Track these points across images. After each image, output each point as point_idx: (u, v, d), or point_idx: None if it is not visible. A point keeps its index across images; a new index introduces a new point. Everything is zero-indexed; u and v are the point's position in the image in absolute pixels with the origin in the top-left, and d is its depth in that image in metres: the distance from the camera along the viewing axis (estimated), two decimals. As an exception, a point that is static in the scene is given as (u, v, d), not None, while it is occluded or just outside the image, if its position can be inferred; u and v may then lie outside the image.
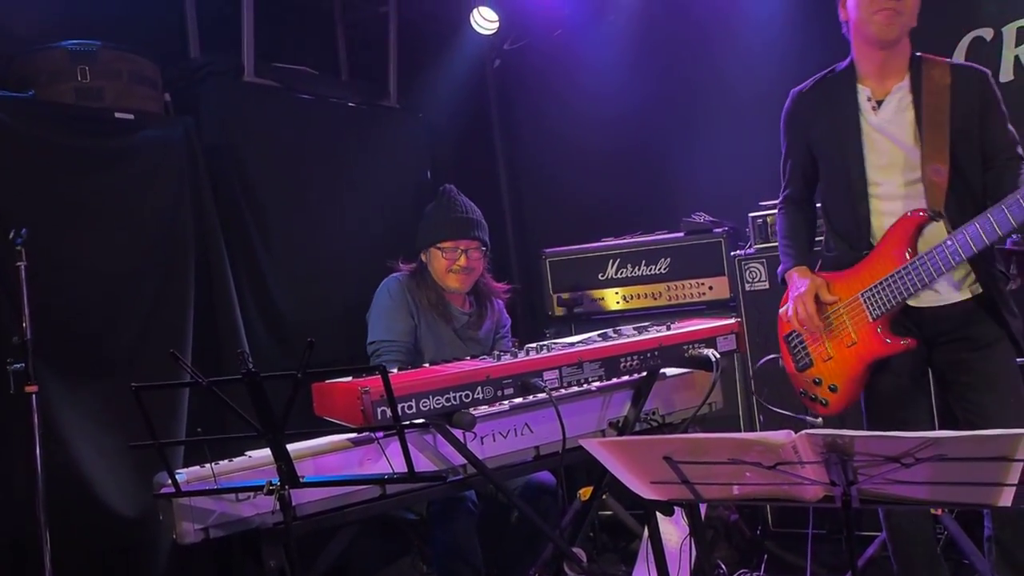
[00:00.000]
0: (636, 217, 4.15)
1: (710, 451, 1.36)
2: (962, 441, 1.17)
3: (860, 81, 2.49)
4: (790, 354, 2.63)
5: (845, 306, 2.48)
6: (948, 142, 2.34)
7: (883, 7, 2.35)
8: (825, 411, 2.58)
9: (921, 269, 2.31)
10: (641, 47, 4.48)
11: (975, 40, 4.04)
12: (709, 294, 3.74)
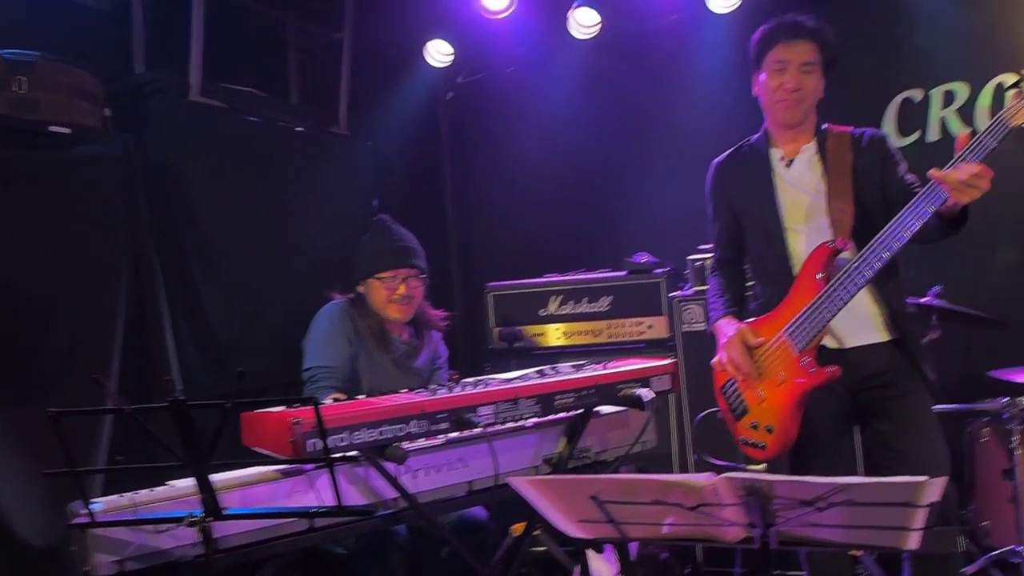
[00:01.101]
0: (580, 255, 4.20)
1: (635, 491, 1.38)
2: (869, 487, 1.21)
3: (772, 145, 2.67)
4: (727, 404, 2.67)
5: (772, 345, 2.54)
6: (852, 187, 2.51)
7: (784, 98, 2.55)
8: (764, 455, 2.60)
9: (837, 291, 2.40)
10: (593, 88, 4.58)
11: (905, 101, 4.22)
12: (648, 333, 3.79)
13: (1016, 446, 2.95)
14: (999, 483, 3.10)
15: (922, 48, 4.15)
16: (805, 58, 2.53)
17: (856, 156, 2.56)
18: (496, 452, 2.26)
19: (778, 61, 2.55)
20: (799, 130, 2.62)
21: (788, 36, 2.55)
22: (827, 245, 2.47)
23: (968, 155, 2.17)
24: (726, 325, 2.63)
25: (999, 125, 2.16)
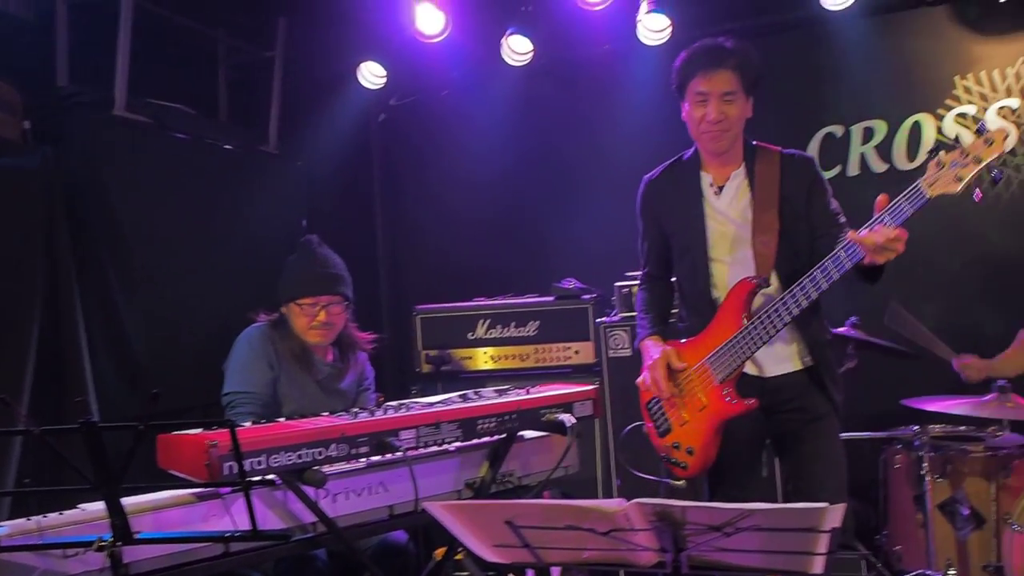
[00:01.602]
0: (509, 279, 4.23)
1: (548, 516, 1.39)
2: (774, 513, 1.25)
3: (703, 168, 2.68)
4: (652, 420, 2.71)
5: (695, 371, 2.60)
6: (777, 218, 2.55)
7: (708, 129, 2.56)
8: (685, 474, 2.66)
9: (757, 330, 2.46)
10: (524, 114, 4.63)
11: (827, 136, 4.39)
12: (575, 358, 3.83)
13: (926, 472, 3.06)
14: (911, 509, 3.22)
15: (844, 86, 4.32)
16: (725, 88, 2.51)
17: (784, 180, 2.58)
18: (418, 476, 2.24)
19: (698, 93, 2.54)
20: (728, 156, 2.63)
21: (706, 67, 2.52)
22: (749, 281, 2.52)
23: (886, 217, 2.20)
24: (651, 346, 2.67)
25: (916, 193, 2.17)
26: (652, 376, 2.61)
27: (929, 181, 2.15)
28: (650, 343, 2.69)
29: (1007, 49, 4.15)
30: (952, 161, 2.12)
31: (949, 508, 3.11)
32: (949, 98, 4.22)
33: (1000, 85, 4.15)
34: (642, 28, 4.16)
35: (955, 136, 4.18)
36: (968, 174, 2.10)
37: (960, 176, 2.11)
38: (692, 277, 2.66)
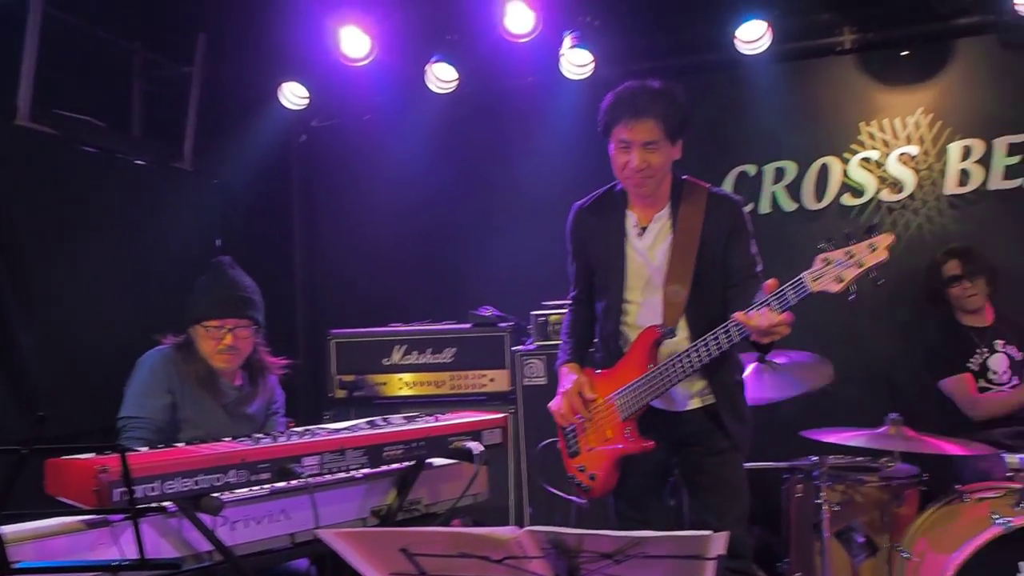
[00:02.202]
0: (426, 305, 4.23)
1: (443, 544, 1.39)
2: (662, 541, 1.27)
3: (629, 207, 2.71)
4: (565, 440, 2.78)
5: (603, 404, 2.66)
6: (692, 266, 2.58)
7: (630, 176, 2.57)
8: (587, 496, 2.75)
9: (659, 378, 2.53)
10: (447, 142, 4.66)
11: (741, 174, 4.54)
12: (490, 386, 3.84)
13: (823, 502, 3.15)
14: (810, 536, 3.30)
15: (758, 127, 4.48)
16: (647, 138, 2.50)
17: (706, 222, 2.59)
18: (322, 504, 2.20)
19: (621, 140, 2.54)
20: (654, 197, 2.64)
21: (629, 115, 2.50)
22: (656, 330, 2.57)
23: (772, 302, 2.25)
24: (567, 373, 2.74)
25: (800, 286, 2.22)
26: (565, 404, 2.68)
27: (814, 276, 2.21)
28: (566, 370, 2.76)
29: (907, 99, 4.37)
30: (838, 260, 2.19)
31: (845, 536, 3.21)
32: (855, 143, 4.42)
33: (901, 132, 4.37)
34: (565, 62, 4.25)
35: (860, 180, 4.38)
36: (849, 276, 2.17)
37: (842, 277, 2.17)
38: (606, 314, 2.71)
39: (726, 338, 2.39)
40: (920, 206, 4.32)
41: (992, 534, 2.49)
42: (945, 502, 3.00)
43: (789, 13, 4.15)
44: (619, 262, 2.67)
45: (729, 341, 2.39)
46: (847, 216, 4.39)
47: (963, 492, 2.97)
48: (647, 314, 2.64)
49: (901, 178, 4.34)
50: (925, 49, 4.34)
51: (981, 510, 2.73)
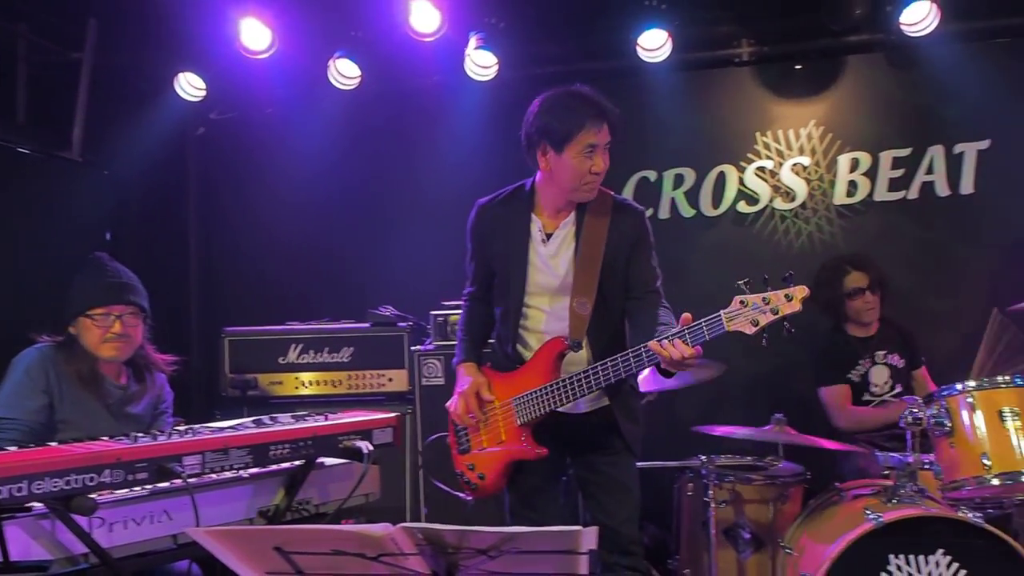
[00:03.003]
0: (324, 304, 4.17)
1: (316, 541, 1.37)
2: (534, 536, 1.28)
3: (535, 211, 2.69)
4: (455, 436, 2.77)
5: (501, 407, 2.66)
6: (597, 278, 2.60)
7: (592, 181, 2.56)
8: (474, 495, 2.76)
9: (562, 390, 2.55)
10: (348, 139, 4.61)
11: (642, 179, 4.63)
12: (389, 385, 3.81)
13: (711, 500, 3.24)
14: (699, 533, 3.39)
15: (658, 133, 4.59)
16: (606, 139, 2.54)
17: (611, 232, 2.61)
18: (206, 504, 2.14)
19: (589, 145, 2.50)
20: (564, 207, 2.64)
21: (596, 119, 2.51)
22: (563, 342, 2.58)
23: (687, 334, 2.29)
24: (466, 372, 2.73)
25: (717, 324, 2.26)
26: (463, 404, 2.67)
27: (730, 316, 2.26)
28: (463, 369, 2.75)
29: (801, 111, 4.55)
30: (753, 304, 2.25)
31: (732, 533, 3.31)
32: (751, 152, 4.57)
33: (795, 144, 4.55)
34: (470, 63, 4.26)
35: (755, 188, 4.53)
36: (764, 321, 2.24)
37: (757, 321, 2.24)
38: (505, 317, 2.71)
39: (636, 362, 2.40)
40: (811, 215, 4.50)
41: (864, 529, 2.60)
42: (824, 499, 3.13)
43: (690, 23, 4.26)
44: (521, 267, 2.65)
45: (639, 366, 2.40)
46: (743, 223, 4.54)
47: (841, 490, 3.10)
48: (549, 322, 2.65)
49: (794, 187, 4.51)
50: (818, 64, 4.53)
51: (856, 506, 2.85)
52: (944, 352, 4.10)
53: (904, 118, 4.44)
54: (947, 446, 2.75)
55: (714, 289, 2.43)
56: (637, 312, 2.62)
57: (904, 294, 4.24)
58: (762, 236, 4.51)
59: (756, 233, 4.50)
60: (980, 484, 2.64)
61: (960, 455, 2.70)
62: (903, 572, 2.59)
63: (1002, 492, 2.75)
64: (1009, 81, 4.23)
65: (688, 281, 4.29)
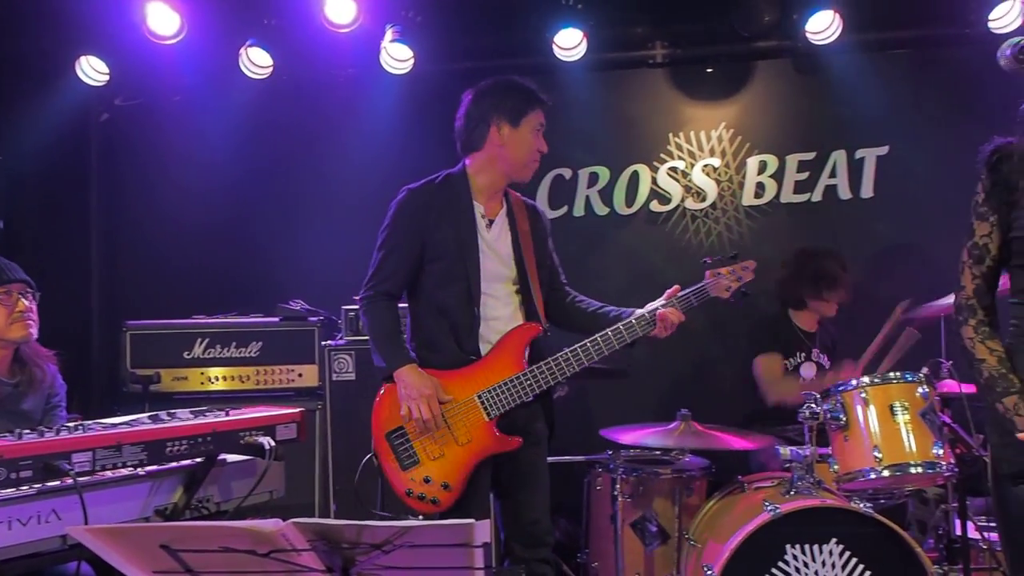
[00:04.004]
0: (233, 297, 4.06)
1: (205, 539, 1.33)
2: (428, 530, 1.28)
3: (474, 197, 2.70)
4: (393, 453, 2.62)
5: (460, 406, 2.60)
6: (536, 264, 2.70)
7: (537, 159, 2.71)
8: (436, 509, 2.60)
9: (537, 377, 2.58)
10: (260, 129, 4.51)
11: (557, 177, 4.67)
12: (298, 381, 3.74)
13: (618, 494, 3.29)
14: (608, 527, 3.44)
15: (574, 132, 4.62)
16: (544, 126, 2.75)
17: (534, 230, 2.75)
18: (99, 503, 2.08)
19: (540, 124, 2.70)
20: (500, 190, 2.72)
21: (542, 103, 2.72)
22: (538, 327, 2.64)
23: (676, 303, 2.70)
24: (415, 374, 2.58)
25: (703, 292, 2.76)
26: (423, 408, 2.54)
27: (711, 287, 2.77)
28: (409, 372, 2.59)
29: (712, 114, 4.66)
30: (724, 275, 2.78)
31: (639, 526, 3.37)
32: (664, 152, 4.65)
33: (705, 145, 4.65)
34: (386, 56, 4.21)
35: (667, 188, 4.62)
36: (735, 287, 2.78)
37: (729, 287, 2.78)
38: (460, 307, 2.63)
39: (628, 333, 2.64)
40: (721, 215, 4.61)
41: (762, 520, 2.67)
42: (728, 492, 3.21)
43: (605, 24, 4.31)
44: (473, 252, 2.63)
45: (631, 335, 2.64)
46: (655, 222, 4.62)
47: (744, 482, 3.18)
48: (502, 309, 2.65)
49: (704, 188, 4.62)
50: (729, 68, 4.64)
51: (756, 498, 2.93)
52: (843, 349, 4.25)
53: (809, 123, 4.59)
54: (842, 439, 2.85)
55: (625, 286, 2.54)
56: (568, 298, 2.83)
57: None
58: (674, 235, 4.60)
59: (668, 232, 4.59)
60: (872, 476, 2.75)
61: (854, 448, 2.80)
62: (799, 561, 2.67)
63: (892, 483, 2.87)
64: (907, 91, 4.41)
65: (602, 277, 4.35)
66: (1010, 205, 1.94)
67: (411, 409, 2.56)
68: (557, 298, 2.80)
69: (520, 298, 2.68)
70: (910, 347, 3.54)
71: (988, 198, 1.98)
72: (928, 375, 2.84)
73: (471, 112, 2.69)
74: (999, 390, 1.92)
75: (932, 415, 2.75)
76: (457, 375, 2.62)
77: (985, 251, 2.00)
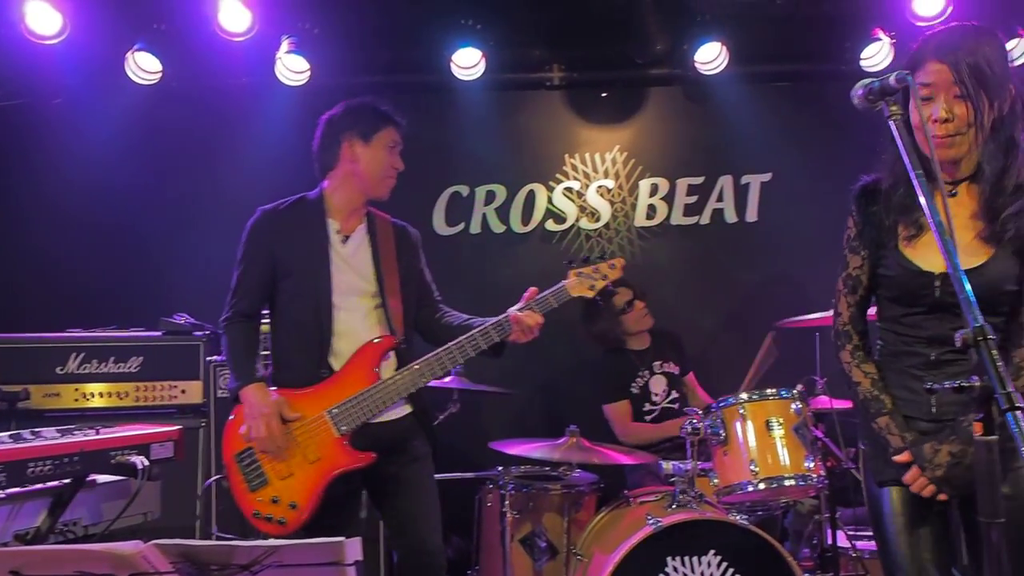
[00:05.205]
0: (112, 310, 3.88)
1: (59, 563, 1.27)
2: (297, 549, 1.26)
3: (329, 215, 2.71)
4: (242, 474, 2.58)
5: (309, 423, 2.56)
6: (399, 281, 2.70)
7: (392, 176, 2.74)
8: (282, 530, 2.54)
9: (389, 389, 2.55)
10: (147, 136, 4.37)
11: (454, 194, 4.69)
12: (181, 397, 3.61)
13: (507, 509, 3.31)
14: (497, 544, 3.45)
15: (471, 150, 4.67)
16: (401, 147, 2.78)
17: (399, 247, 2.76)
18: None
19: (395, 142, 2.73)
20: (358, 209, 2.73)
21: (396, 124, 2.75)
22: (388, 339, 2.61)
23: (535, 306, 2.65)
24: (259, 393, 2.55)
25: (562, 292, 2.71)
26: (266, 426, 2.50)
27: (571, 285, 2.73)
28: (255, 390, 2.56)
29: (607, 137, 4.77)
30: (588, 274, 2.75)
31: (529, 541, 3.39)
32: (559, 173, 4.74)
33: (600, 167, 4.76)
34: (281, 67, 4.15)
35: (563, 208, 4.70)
36: (600, 285, 2.75)
37: (593, 286, 2.74)
38: (312, 322, 2.61)
39: (483, 340, 2.60)
40: (614, 235, 4.72)
41: (644, 533, 2.73)
42: (614, 506, 3.26)
43: (504, 45, 4.36)
44: (324, 266, 2.62)
45: (487, 341, 2.60)
46: (550, 241, 4.69)
47: (629, 497, 3.24)
48: (358, 322, 2.63)
49: (599, 208, 4.72)
50: (623, 93, 4.77)
51: (640, 512, 2.99)
52: (723, 364, 4.41)
53: (698, 149, 4.75)
54: (722, 454, 2.94)
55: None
56: (437, 314, 2.82)
57: (693, 311, 4.60)
58: (569, 253, 4.67)
59: (563, 250, 4.66)
60: (749, 489, 2.84)
61: (732, 462, 2.90)
62: (679, 572, 2.74)
63: (768, 496, 2.98)
64: (789, 121, 4.63)
65: (497, 294, 4.34)
66: (878, 244, 2.07)
67: (249, 428, 2.54)
68: (427, 314, 2.81)
69: (380, 312, 2.67)
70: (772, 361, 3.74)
71: (859, 234, 2.10)
72: (802, 392, 2.97)
73: (325, 133, 2.76)
74: (872, 411, 2.05)
75: (805, 430, 2.87)
76: (309, 392, 2.59)
77: (858, 282, 2.13)
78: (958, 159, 1.96)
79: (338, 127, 2.72)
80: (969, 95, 1.86)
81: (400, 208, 2.91)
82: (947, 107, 1.88)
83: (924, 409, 1.99)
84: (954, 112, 1.88)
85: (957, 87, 1.86)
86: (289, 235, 2.66)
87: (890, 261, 2.04)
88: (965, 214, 2.00)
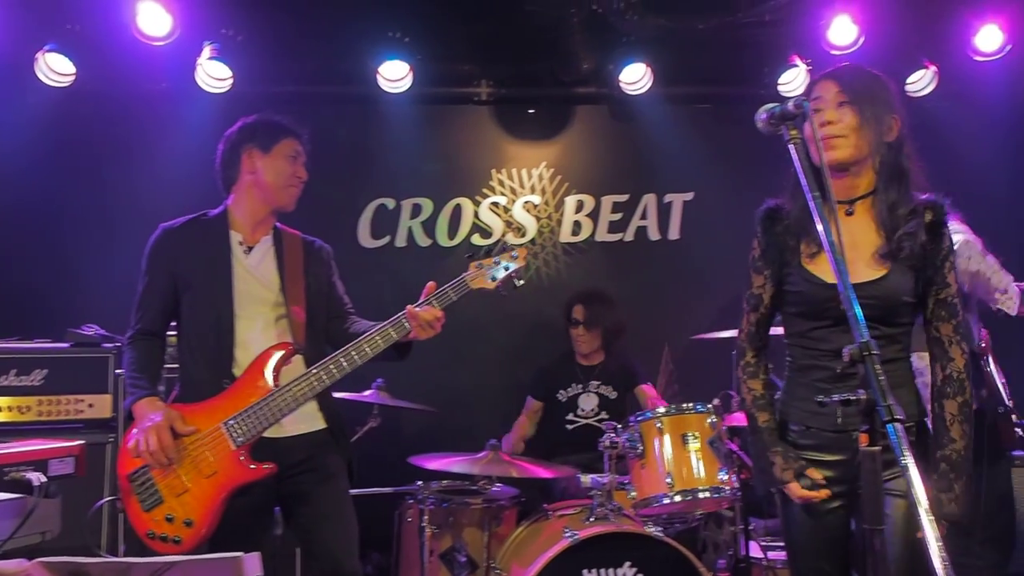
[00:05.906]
0: (16, 320, 3.71)
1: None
2: (194, 565, 1.22)
3: (232, 227, 2.69)
4: (135, 494, 2.49)
5: (205, 436, 2.48)
6: (304, 291, 2.67)
7: (295, 184, 2.71)
8: (178, 549, 2.45)
9: (286, 397, 2.48)
10: (59, 140, 4.24)
11: (380, 207, 4.66)
12: (88, 412, 3.46)
13: (427, 524, 3.28)
14: (417, 559, 3.41)
15: (397, 162, 4.66)
16: (304, 158, 2.75)
17: (308, 260, 2.73)
18: None
19: (294, 150, 2.70)
20: (263, 221, 2.71)
21: (296, 134, 2.73)
22: (288, 345, 2.56)
23: (434, 300, 2.54)
24: (149, 406, 2.49)
25: (461, 284, 2.58)
26: (151, 440, 2.41)
27: (471, 277, 2.61)
28: (147, 404, 2.50)
29: (534, 153, 4.82)
30: (488, 266, 2.64)
31: (448, 556, 3.36)
32: (486, 187, 4.76)
33: (527, 182, 4.79)
34: (202, 73, 4.07)
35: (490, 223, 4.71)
36: (501, 276, 2.64)
37: (495, 277, 2.63)
38: (213, 333, 2.57)
39: (382, 339, 2.52)
40: (539, 251, 4.76)
41: (562, 546, 2.74)
42: (534, 520, 3.27)
43: (432, 59, 4.36)
44: (226, 277, 2.59)
45: (386, 341, 2.53)
46: (476, 255, 4.68)
47: (548, 511, 3.25)
48: (260, 332, 2.59)
49: (525, 223, 4.76)
50: (550, 110, 4.82)
51: (558, 525, 3.00)
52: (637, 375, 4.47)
53: (623, 167, 4.83)
54: (639, 467, 2.97)
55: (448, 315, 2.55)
56: (346, 324, 2.78)
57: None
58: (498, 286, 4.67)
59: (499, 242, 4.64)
60: (665, 501, 2.88)
61: (649, 475, 2.93)
62: (596, 585, 2.76)
63: (683, 507, 3.02)
64: (710, 142, 4.74)
65: (421, 308, 4.33)
66: (782, 263, 2.16)
67: (138, 442, 2.46)
68: (337, 325, 2.79)
69: (284, 322, 2.65)
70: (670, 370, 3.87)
71: (763, 254, 2.20)
72: (718, 406, 3.03)
73: (225, 148, 2.75)
74: (751, 426, 2.21)
75: (719, 443, 2.92)
76: (207, 405, 2.53)
77: (760, 300, 2.22)
78: (846, 163, 2.07)
79: (237, 141, 2.72)
80: (853, 101, 2.05)
81: (325, 219, 2.90)
82: (833, 112, 2.05)
83: (830, 420, 2.06)
84: (839, 115, 2.05)
85: (842, 95, 2.06)
86: (189, 250, 2.65)
87: (795, 277, 2.12)
88: (865, 230, 2.10)
